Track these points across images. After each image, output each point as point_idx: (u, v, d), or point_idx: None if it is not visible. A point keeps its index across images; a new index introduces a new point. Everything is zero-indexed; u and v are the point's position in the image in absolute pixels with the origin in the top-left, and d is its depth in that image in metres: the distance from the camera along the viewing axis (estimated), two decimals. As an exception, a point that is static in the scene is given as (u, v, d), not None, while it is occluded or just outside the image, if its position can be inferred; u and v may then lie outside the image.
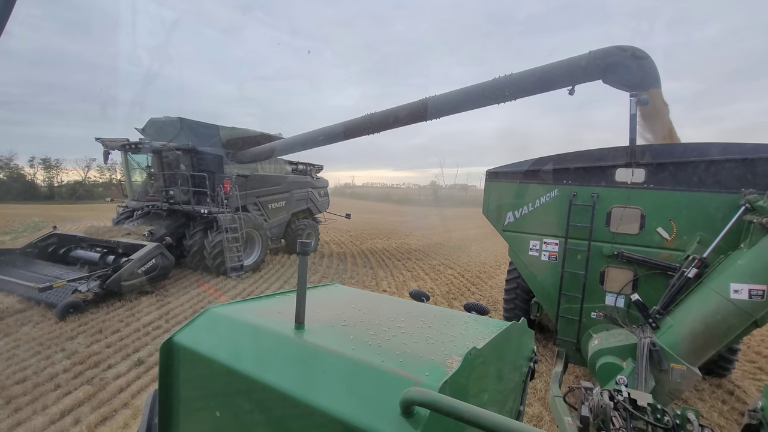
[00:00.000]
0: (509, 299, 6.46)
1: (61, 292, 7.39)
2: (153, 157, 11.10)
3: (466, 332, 1.58)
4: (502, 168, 5.46)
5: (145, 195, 11.62)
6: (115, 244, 9.17)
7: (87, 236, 9.72)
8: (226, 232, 10.29)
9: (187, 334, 1.43)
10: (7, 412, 4.38)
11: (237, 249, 10.53)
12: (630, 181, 4.51)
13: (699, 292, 3.83)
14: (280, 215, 13.43)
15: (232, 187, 11.10)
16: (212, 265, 10.33)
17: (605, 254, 4.66)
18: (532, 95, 6.91)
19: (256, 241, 11.72)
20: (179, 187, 10.88)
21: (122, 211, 12.00)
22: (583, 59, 5.94)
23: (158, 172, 11.11)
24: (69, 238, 9.95)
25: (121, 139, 10.54)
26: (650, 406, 2.73)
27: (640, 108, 5.00)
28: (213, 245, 10.22)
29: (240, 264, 10.63)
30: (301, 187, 14.53)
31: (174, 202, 10.86)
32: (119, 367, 5.51)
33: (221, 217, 10.37)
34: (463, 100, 7.63)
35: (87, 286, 7.56)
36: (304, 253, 1.37)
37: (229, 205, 10.94)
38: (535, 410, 4.70)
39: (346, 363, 1.17)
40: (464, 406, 0.84)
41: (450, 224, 30.46)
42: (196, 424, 1.41)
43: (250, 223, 11.33)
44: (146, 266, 8.43)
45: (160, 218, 11.15)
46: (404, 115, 8.53)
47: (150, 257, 8.54)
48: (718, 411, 4.87)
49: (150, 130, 11.51)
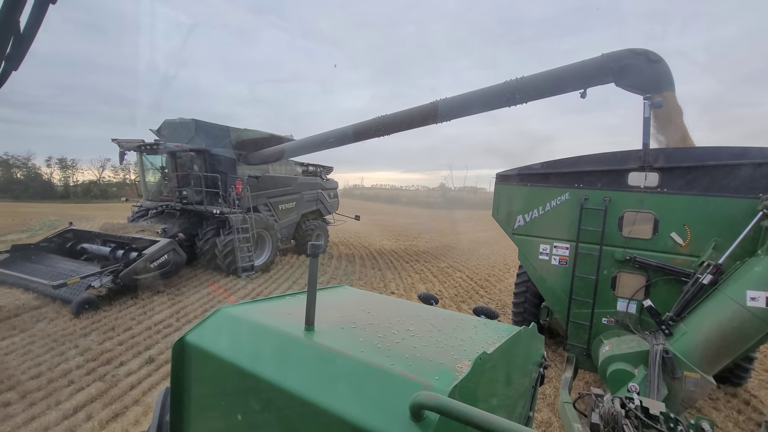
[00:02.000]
0: (518, 303, 6.40)
1: (75, 288, 7.54)
2: (167, 158, 11.29)
3: (476, 336, 1.57)
4: (512, 171, 5.42)
5: (159, 195, 11.85)
6: (129, 240, 9.39)
7: (102, 232, 9.98)
8: (238, 232, 10.39)
9: (198, 334, 1.45)
10: (23, 407, 4.48)
11: (248, 249, 10.65)
12: (643, 185, 4.44)
13: (714, 299, 3.75)
14: (290, 216, 13.55)
15: (243, 188, 11.24)
16: (223, 265, 10.44)
17: (617, 259, 4.60)
18: (543, 98, 6.88)
19: (267, 241, 11.82)
20: (192, 188, 11.06)
21: (137, 211, 12.24)
22: (595, 62, 5.90)
23: (172, 172, 11.31)
24: (84, 233, 10.25)
25: (137, 140, 10.80)
26: (663, 414, 2.68)
27: (654, 111, 4.93)
28: (224, 245, 10.36)
29: (251, 264, 10.74)
30: (311, 188, 14.64)
31: (187, 202, 11.05)
32: (131, 364, 5.60)
33: (233, 218, 10.49)
34: (475, 103, 7.64)
35: (100, 281, 7.67)
36: (315, 255, 1.38)
37: (241, 206, 11.05)
38: (544, 416, 4.65)
39: (356, 365, 1.17)
40: (474, 411, 0.84)
41: (459, 227, 30.32)
42: (206, 422, 1.42)
43: (261, 223, 11.43)
44: (159, 261, 8.60)
45: (174, 218, 11.36)
46: (415, 118, 8.56)
47: (163, 253, 8.71)
48: (733, 421, 4.76)
49: (165, 131, 11.72)
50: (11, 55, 1.45)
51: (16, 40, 1.44)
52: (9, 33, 1.41)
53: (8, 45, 1.44)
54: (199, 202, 11.01)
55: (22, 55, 1.47)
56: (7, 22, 1.36)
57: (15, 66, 1.48)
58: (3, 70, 1.46)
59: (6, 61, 1.45)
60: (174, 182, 11.32)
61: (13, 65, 1.47)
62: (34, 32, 1.46)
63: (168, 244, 8.95)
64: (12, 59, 1.46)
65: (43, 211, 23.48)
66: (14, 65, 1.47)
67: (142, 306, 7.87)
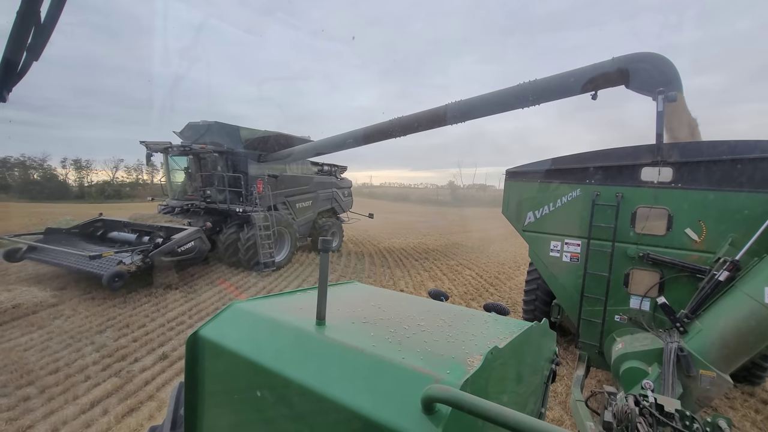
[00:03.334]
0: (529, 301, 6.35)
1: (107, 264, 8.08)
2: (192, 159, 11.91)
3: (487, 332, 1.56)
4: (522, 167, 5.37)
5: (184, 194, 12.46)
6: (157, 228, 9.94)
7: (131, 221, 10.68)
8: (260, 229, 10.83)
9: (211, 329, 1.47)
10: (42, 401, 4.59)
11: (269, 246, 11.07)
12: (656, 180, 4.36)
13: (731, 296, 3.67)
14: (306, 214, 13.95)
15: (264, 187, 11.67)
16: (245, 259, 10.84)
17: (630, 256, 4.53)
18: (555, 100, 6.98)
19: (286, 238, 12.30)
20: (216, 187, 11.65)
21: (163, 208, 12.75)
22: (606, 65, 5.92)
23: (196, 173, 11.92)
24: (114, 222, 10.93)
25: (164, 143, 11.33)
26: (678, 412, 2.64)
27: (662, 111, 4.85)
28: (247, 239, 10.76)
29: (272, 260, 11.18)
30: (327, 187, 15.03)
31: (211, 201, 11.64)
32: (145, 360, 5.70)
33: (255, 215, 10.93)
34: (489, 104, 7.78)
35: (131, 258, 8.29)
36: (326, 250, 1.38)
37: (261, 204, 11.47)
38: (556, 414, 4.61)
39: (367, 359, 1.18)
40: (486, 404, 0.83)
41: (468, 224, 30.16)
42: (219, 415, 1.44)
43: (281, 221, 11.85)
44: (186, 246, 9.15)
45: (198, 215, 11.87)
46: (430, 119, 8.74)
47: (190, 239, 9.27)
48: (750, 420, 4.67)
49: (187, 132, 12.18)
50: (32, 45, 1.48)
51: (36, 31, 1.47)
52: (30, 23, 1.44)
53: (29, 35, 1.47)
54: (222, 201, 11.51)
55: (42, 45, 1.50)
56: (28, 13, 1.39)
57: (36, 56, 1.51)
58: (24, 60, 1.49)
59: (27, 51, 1.48)
60: (198, 182, 11.93)
61: (35, 55, 1.50)
62: (54, 22, 1.49)
63: (195, 231, 9.54)
64: (33, 49, 1.49)
65: (59, 211, 23.96)
66: (35, 55, 1.50)
67: (156, 303, 8.01)
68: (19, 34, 1.43)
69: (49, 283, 8.76)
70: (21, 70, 1.49)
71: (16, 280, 9.07)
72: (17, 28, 1.42)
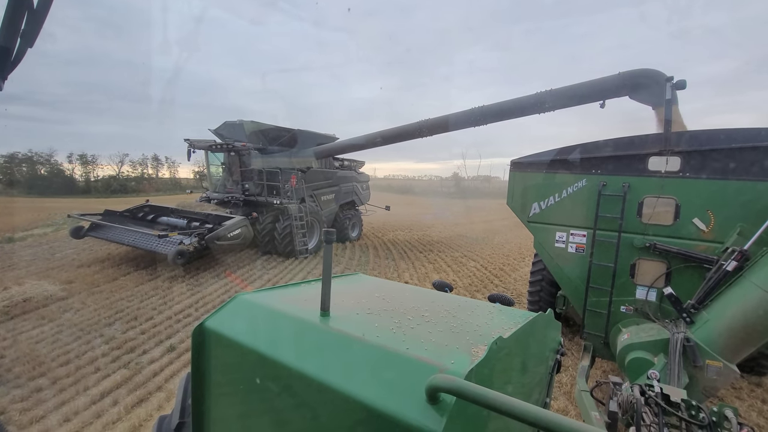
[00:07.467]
0: (534, 292, 6.34)
1: (168, 244, 8.97)
2: (232, 155, 12.87)
3: (492, 322, 1.56)
4: (527, 158, 5.33)
5: (224, 187, 13.40)
6: (204, 216, 10.81)
7: (178, 208, 11.94)
8: (295, 219, 11.80)
9: (217, 320, 1.48)
10: (53, 392, 4.68)
11: (303, 235, 12.09)
12: (664, 169, 4.31)
13: (739, 286, 3.64)
14: (330, 206, 14.79)
15: (298, 181, 12.50)
16: (281, 247, 11.84)
17: (636, 246, 4.49)
18: (568, 107, 8.03)
19: (316, 228, 13.24)
20: (254, 181, 12.66)
21: (202, 199, 13.55)
22: (613, 79, 6.77)
23: (236, 168, 12.88)
24: (161, 208, 12.08)
25: (208, 141, 12.37)
26: (684, 402, 2.63)
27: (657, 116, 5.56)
28: (283, 229, 11.78)
29: (305, 247, 12.18)
30: (348, 181, 15.92)
31: (249, 194, 12.61)
32: (153, 352, 5.78)
33: (291, 207, 11.91)
34: (510, 110, 8.90)
35: (190, 240, 9.21)
36: (329, 242, 1.38)
37: (293, 197, 12.30)
38: (561, 404, 4.63)
39: (372, 349, 1.18)
40: (491, 394, 0.83)
41: (473, 216, 30.06)
42: (226, 405, 1.46)
43: (312, 212, 12.84)
44: (234, 233, 10.02)
45: (237, 207, 12.66)
46: (457, 121, 9.96)
47: (238, 226, 10.21)
48: (757, 410, 4.65)
49: (223, 130, 12.81)
50: (26, 32, 1.47)
51: (30, 16, 1.45)
52: (23, 8, 1.42)
53: (23, 21, 1.45)
54: (258, 194, 12.52)
55: (36, 31, 1.48)
56: None
57: (30, 43, 1.49)
58: (19, 47, 1.47)
59: (21, 38, 1.47)
60: (237, 176, 12.91)
61: (29, 42, 1.49)
62: (47, 7, 1.47)
63: (242, 220, 10.46)
64: (27, 36, 1.47)
65: (67, 206, 24.18)
66: (29, 42, 1.49)
67: (163, 297, 8.09)
68: (12, 20, 1.42)
69: (58, 277, 8.89)
70: (15, 58, 1.48)
71: (26, 274, 9.21)
72: (10, 14, 1.41)
